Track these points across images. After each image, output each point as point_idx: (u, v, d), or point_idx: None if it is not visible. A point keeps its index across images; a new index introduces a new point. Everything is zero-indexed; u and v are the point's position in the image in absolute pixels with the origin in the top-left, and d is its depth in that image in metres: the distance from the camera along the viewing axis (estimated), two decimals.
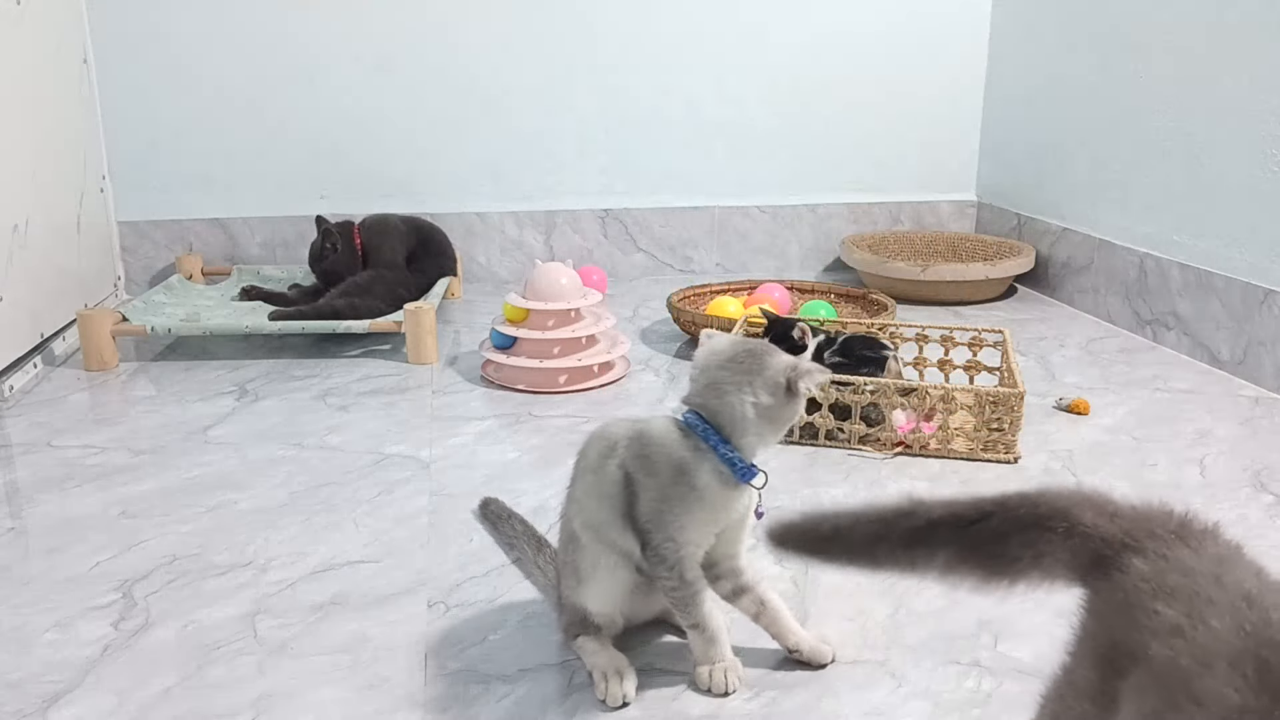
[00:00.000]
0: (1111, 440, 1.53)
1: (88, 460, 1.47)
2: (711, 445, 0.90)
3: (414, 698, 0.94)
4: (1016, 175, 2.56)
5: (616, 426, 0.97)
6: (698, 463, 0.90)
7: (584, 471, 0.96)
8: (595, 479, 0.94)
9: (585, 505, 0.95)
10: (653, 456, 0.91)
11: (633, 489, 0.92)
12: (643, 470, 0.91)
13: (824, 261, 2.68)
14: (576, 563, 0.96)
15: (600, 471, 0.94)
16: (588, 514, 0.95)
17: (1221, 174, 1.86)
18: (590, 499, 0.95)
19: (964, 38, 2.61)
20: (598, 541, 0.95)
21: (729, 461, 0.90)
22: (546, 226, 2.54)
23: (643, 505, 0.91)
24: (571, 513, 0.98)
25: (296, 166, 2.43)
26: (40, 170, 1.94)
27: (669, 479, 0.90)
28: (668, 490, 0.90)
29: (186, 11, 2.31)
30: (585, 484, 0.96)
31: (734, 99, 2.55)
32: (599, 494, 0.94)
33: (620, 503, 0.92)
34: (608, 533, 0.94)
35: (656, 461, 0.91)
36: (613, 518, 0.93)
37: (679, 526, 0.90)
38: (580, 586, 0.96)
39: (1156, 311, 2.03)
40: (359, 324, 1.88)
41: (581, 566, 0.96)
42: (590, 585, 0.96)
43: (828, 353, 1.62)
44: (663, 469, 0.91)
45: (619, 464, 0.93)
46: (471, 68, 2.43)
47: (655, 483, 0.91)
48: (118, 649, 1.01)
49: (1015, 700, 0.93)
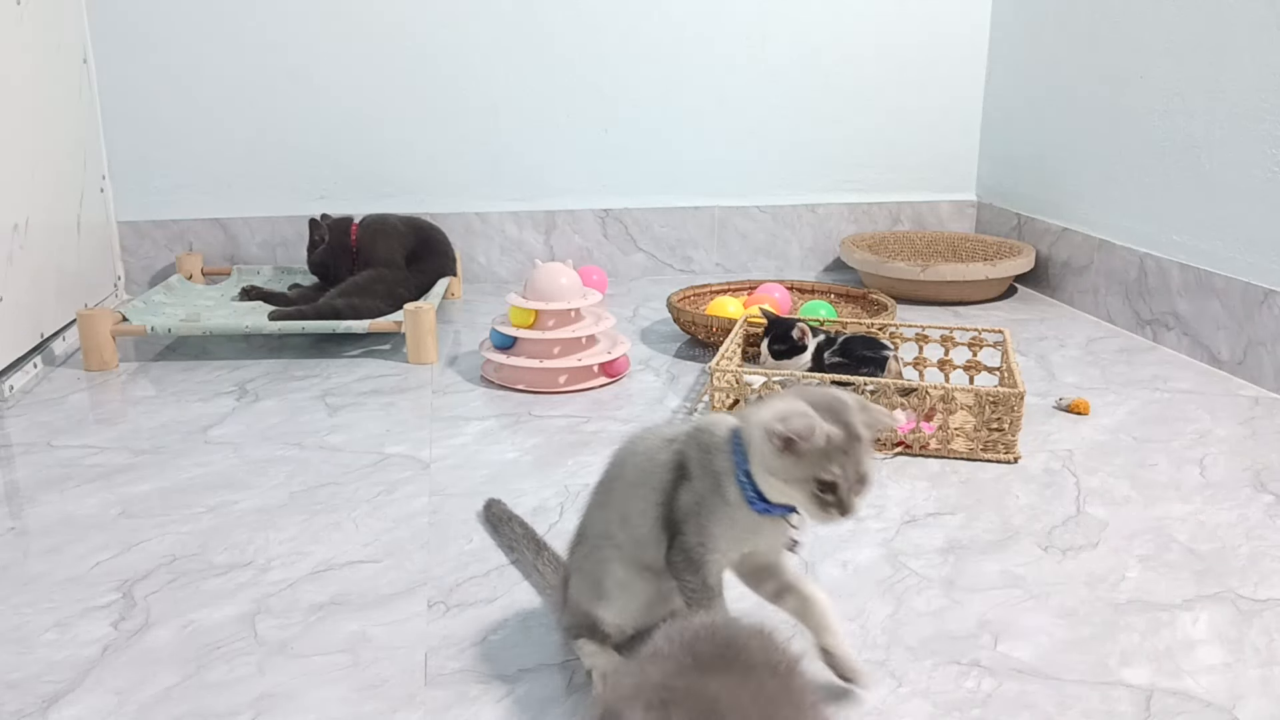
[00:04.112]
0: (1111, 440, 1.53)
1: (88, 460, 1.46)
2: (736, 463, 0.87)
3: (414, 698, 0.94)
4: (1016, 175, 2.56)
5: (667, 427, 0.94)
6: (729, 478, 0.87)
7: (622, 479, 0.93)
8: (641, 475, 0.91)
9: (622, 516, 0.92)
10: (704, 457, 0.89)
11: (683, 477, 0.89)
12: (695, 464, 0.89)
13: (824, 261, 2.68)
14: (599, 578, 0.94)
15: (651, 461, 0.91)
16: (626, 528, 0.92)
17: (1221, 174, 1.86)
18: (632, 500, 0.91)
19: (964, 38, 2.61)
20: (626, 561, 0.93)
21: (742, 485, 0.87)
22: (546, 226, 2.54)
23: (683, 499, 0.89)
24: (598, 528, 0.95)
25: (296, 166, 2.43)
26: (40, 170, 1.94)
27: (709, 485, 0.88)
28: (706, 494, 0.88)
29: (186, 11, 2.31)
30: (625, 492, 0.92)
31: (734, 98, 2.55)
32: (647, 485, 0.90)
33: (664, 494, 0.90)
34: (642, 550, 0.91)
35: (704, 462, 0.89)
36: (650, 522, 0.90)
37: (710, 534, 0.88)
38: (600, 600, 0.94)
39: (1156, 311, 2.03)
40: (359, 324, 1.88)
41: (605, 583, 0.94)
42: (611, 601, 0.94)
43: (828, 353, 1.62)
44: (707, 472, 0.88)
45: (677, 451, 0.90)
46: (472, 67, 2.43)
47: (698, 485, 0.88)
48: (118, 649, 1.01)
49: (1015, 700, 0.93)
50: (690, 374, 1.84)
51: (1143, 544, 1.22)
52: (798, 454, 0.81)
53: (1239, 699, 0.93)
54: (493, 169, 2.50)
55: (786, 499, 0.85)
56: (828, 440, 0.81)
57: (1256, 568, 1.16)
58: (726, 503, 0.87)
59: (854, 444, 0.82)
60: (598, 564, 0.94)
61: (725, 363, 1.59)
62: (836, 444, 0.81)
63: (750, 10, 2.50)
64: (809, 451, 0.81)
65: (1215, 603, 1.09)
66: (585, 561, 0.96)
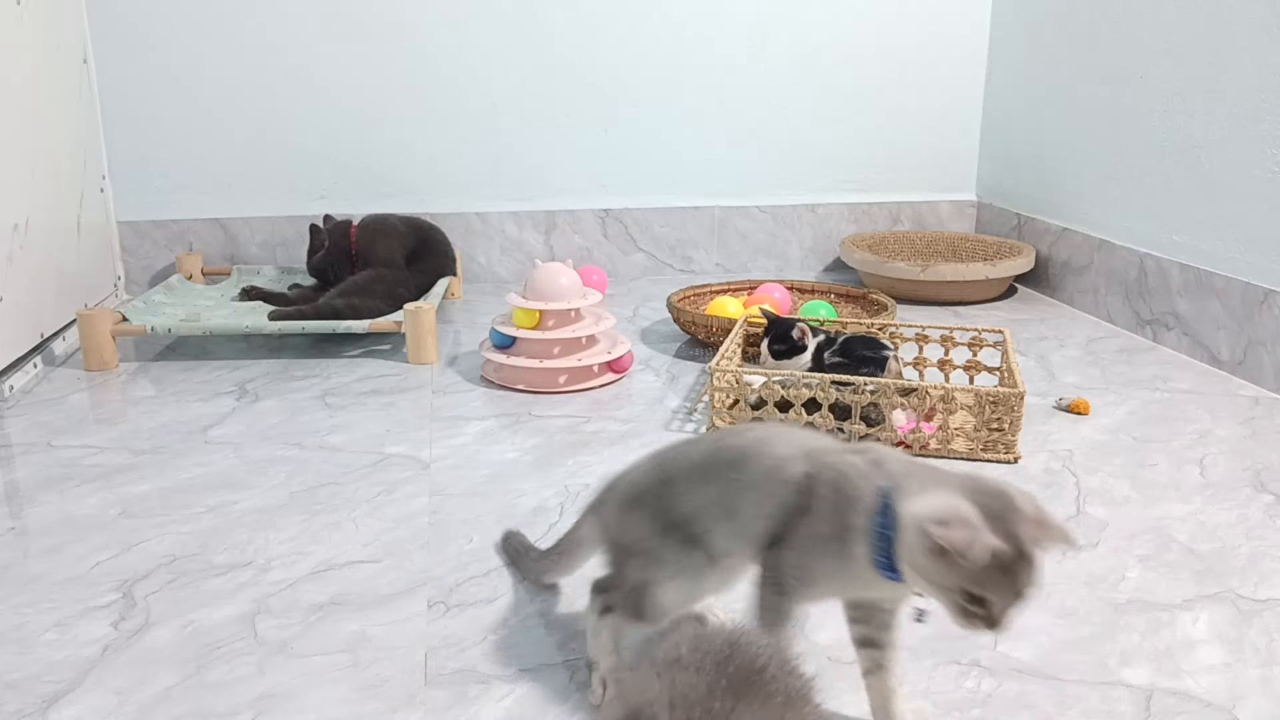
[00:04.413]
0: (1111, 440, 1.53)
1: (88, 460, 1.46)
2: (876, 526, 0.77)
3: (414, 698, 0.94)
4: (1016, 175, 2.56)
5: (806, 438, 0.86)
6: (862, 537, 0.78)
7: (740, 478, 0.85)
8: (763, 481, 0.84)
9: (728, 509, 0.86)
10: (838, 503, 0.80)
11: (806, 510, 0.81)
12: (825, 505, 0.80)
13: (824, 261, 2.68)
14: (674, 558, 0.88)
15: (779, 473, 0.83)
16: (730, 520, 0.85)
17: (1221, 174, 1.86)
18: (744, 500, 0.85)
19: (964, 38, 2.61)
20: (710, 549, 0.87)
21: (874, 548, 0.77)
22: (546, 226, 2.54)
23: (800, 530, 0.81)
24: (689, 504, 0.87)
25: (296, 166, 2.43)
26: (40, 170, 1.94)
27: (833, 532, 0.80)
28: (827, 540, 0.80)
29: (186, 11, 2.31)
30: (737, 489, 0.85)
31: (734, 98, 2.55)
32: (764, 492, 0.84)
33: (780, 512, 0.82)
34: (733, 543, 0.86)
35: (837, 508, 0.80)
36: (757, 528, 0.84)
37: (812, 573, 0.81)
38: (664, 579, 0.88)
39: (1156, 311, 2.03)
40: (359, 324, 1.88)
41: (679, 562, 0.88)
42: (679, 585, 0.88)
43: (828, 353, 1.62)
44: (836, 519, 0.80)
45: (807, 477, 0.82)
46: (472, 67, 2.43)
47: (820, 527, 0.80)
48: (118, 649, 1.01)
49: (1015, 700, 0.93)
50: (690, 374, 1.84)
51: (1143, 544, 1.22)
52: (952, 563, 0.71)
53: (1239, 699, 0.93)
54: (493, 169, 2.50)
55: (926, 594, 0.76)
56: (992, 558, 0.70)
57: (1256, 568, 1.16)
58: (848, 558, 0.79)
59: (1020, 563, 0.71)
60: (674, 549, 0.88)
61: (725, 363, 1.59)
62: (1001, 562, 0.71)
63: (750, 10, 2.50)
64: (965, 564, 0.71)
65: (1215, 603, 1.09)
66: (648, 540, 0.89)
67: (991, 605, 0.72)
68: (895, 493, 0.77)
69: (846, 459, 0.82)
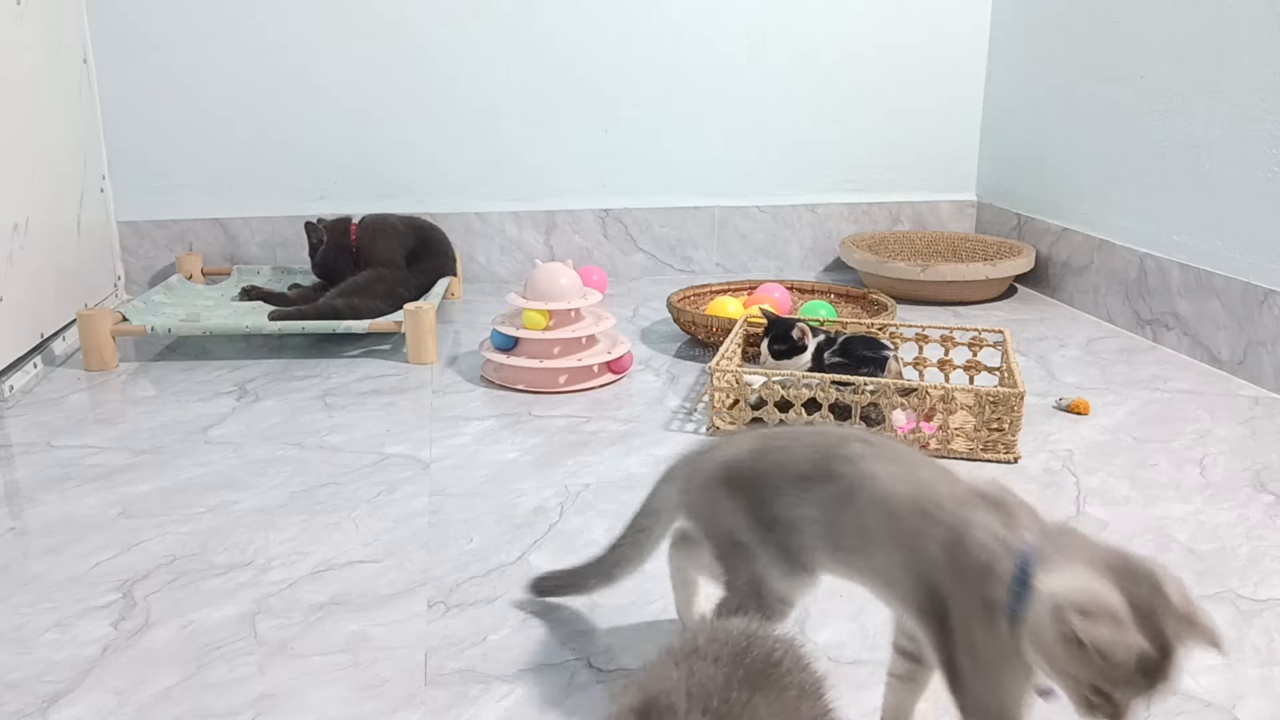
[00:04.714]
0: (1111, 440, 1.53)
1: (88, 460, 1.47)
2: (1011, 597, 0.70)
3: (414, 698, 0.94)
4: (1016, 175, 2.56)
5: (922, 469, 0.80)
6: (1001, 611, 0.70)
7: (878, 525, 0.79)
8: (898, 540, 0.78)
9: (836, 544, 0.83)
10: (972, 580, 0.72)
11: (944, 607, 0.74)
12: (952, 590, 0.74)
13: (824, 261, 2.68)
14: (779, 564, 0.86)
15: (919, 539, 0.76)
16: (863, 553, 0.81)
17: (1221, 174, 1.86)
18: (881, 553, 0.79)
19: (964, 38, 2.61)
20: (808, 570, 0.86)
21: (1014, 593, 0.70)
22: (546, 226, 2.54)
23: (959, 639, 0.74)
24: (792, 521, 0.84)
25: (296, 166, 2.43)
26: (40, 170, 1.94)
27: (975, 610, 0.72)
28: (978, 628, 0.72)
29: (186, 11, 2.31)
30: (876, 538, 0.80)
31: (734, 98, 2.55)
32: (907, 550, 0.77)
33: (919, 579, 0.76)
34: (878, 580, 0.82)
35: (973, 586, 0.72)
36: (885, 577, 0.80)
37: (1000, 680, 0.73)
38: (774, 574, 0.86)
39: (1156, 311, 2.03)
40: (359, 324, 1.88)
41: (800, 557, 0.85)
42: (782, 567, 0.86)
43: (828, 353, 1.62)
44: (971, 597, 0.72)
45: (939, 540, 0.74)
46: (472, 67, 2.43)
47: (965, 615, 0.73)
48: (118, 649, 1.01)
49: None
50: (690, 374, 1.84)
51: (1143, 544, 1.22)
52: (1088, 658, 0.63)
53: (1239, 699, 0.93)
54: (493, 169, 2.50)
55: (1046, 676, 0.69)
56: (1136, 661, 0.62)
57: (1256, 568, 1.16)
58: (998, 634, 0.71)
59: (1162, 664, 0.63)
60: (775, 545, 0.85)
61: (725, 363, 1.60)
62: (1143, 665, 0.63)
63: (750, 10, 2.50)
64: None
65: (1215, 603, 1.09)
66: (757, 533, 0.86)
67: (1119, 702, 0.65)
68: (1034, 561, 0.69)
69: (978, 516, 0.73)
